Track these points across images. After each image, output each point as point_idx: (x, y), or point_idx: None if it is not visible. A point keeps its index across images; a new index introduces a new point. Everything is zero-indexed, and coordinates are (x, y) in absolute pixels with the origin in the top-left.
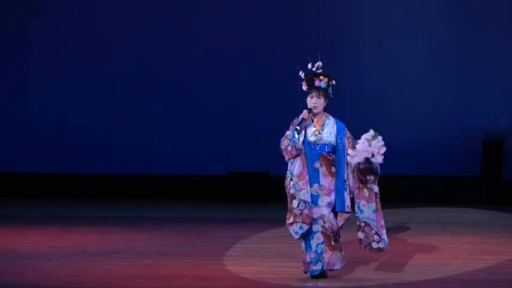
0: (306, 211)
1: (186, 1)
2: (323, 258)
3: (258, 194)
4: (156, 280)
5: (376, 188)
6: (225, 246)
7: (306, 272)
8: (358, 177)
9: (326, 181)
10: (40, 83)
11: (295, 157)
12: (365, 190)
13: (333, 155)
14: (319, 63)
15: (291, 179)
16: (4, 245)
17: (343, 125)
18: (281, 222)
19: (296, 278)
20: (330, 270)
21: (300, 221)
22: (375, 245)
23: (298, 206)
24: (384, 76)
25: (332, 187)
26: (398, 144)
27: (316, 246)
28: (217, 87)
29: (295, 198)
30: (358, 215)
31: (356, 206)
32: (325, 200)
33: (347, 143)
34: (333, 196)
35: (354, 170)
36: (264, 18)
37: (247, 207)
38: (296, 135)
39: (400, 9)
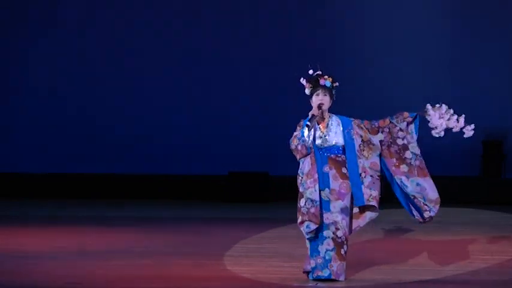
0: (312, 210)
1: (189, 2)
2: (331, 266)
3: (258, 194)
4: (156, 280)
5: (414, 159)
6: (225, 246)
7: (306, 272)
8: (394, 153)
9: (337, 184)
10: (40, 83)
11: (305, 156)
12: (403, 166)
13: (343, 156)
14: (319, 73)
15: (301, 178)
16: (4, 245)
17: (347, 118)
18: (281, 222)
19: (296, 278)
20: (335, 280)
21: (307, 219)
22: (426, 214)
23: (305, 204)
24: (384, 76)
25: (344, 190)
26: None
27: (325, 252)
28: (217, 88)
29: (303, 196)
30: (405, 190)
31: (399, 182)
32: (337, 205)
33: (357, 131)
34: (345, 201)
35: (385, 147)
36: (265, 19)
37: (247, 207)
38: (305, 133)
39: (400, 9)
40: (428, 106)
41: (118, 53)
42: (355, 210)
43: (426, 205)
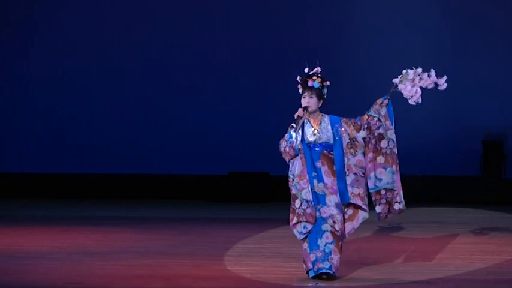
0: (308, 210)
1: (190, 1)
2: (331, 258)
3: (258, 194)
4: (156, 280)
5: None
6: (225, 246)
7: (308, 272)
8: (371, 148)
9: (329, 180)
10: (40, 83)
11: (294, 157)
12: (379, 157)
13: (333, 154)
14: (317, 69)
15: (293, 180)
16: (4, 245)
17: (338, 117)
18: (281, 222)
19: (296, 278)
20: (334, 274)
21: (304, 220)
22: (397, 206)
23: (300, 205)
24: (383, 76)
25: (335, 187)
26: (398, 144)
27: (325, 246)
28: (217, 87)
29: (297, 198)
30: (377, 185)
31: (372, 179)
32: (332, 199)
33: (345, 129)
34: (338, 197)
35: (367, 143)
36: (264, 19)
37: (247, 207)
38: (293, 135)
39: (399, 8)
40: (395, 80)
41: (118, 53)
42: (349, 212)
43: (400, 195)
